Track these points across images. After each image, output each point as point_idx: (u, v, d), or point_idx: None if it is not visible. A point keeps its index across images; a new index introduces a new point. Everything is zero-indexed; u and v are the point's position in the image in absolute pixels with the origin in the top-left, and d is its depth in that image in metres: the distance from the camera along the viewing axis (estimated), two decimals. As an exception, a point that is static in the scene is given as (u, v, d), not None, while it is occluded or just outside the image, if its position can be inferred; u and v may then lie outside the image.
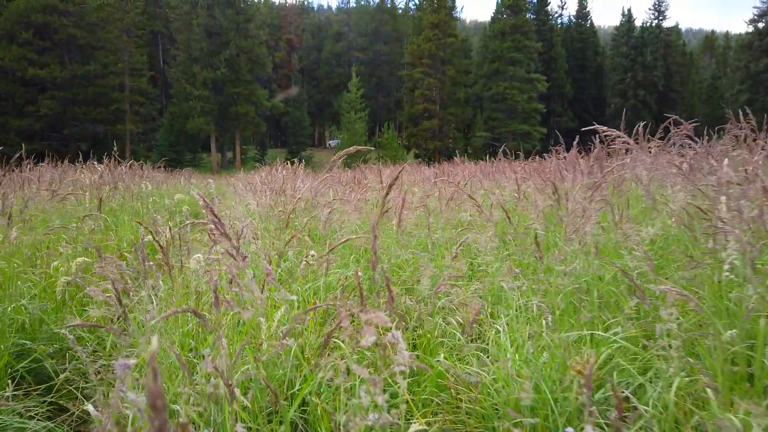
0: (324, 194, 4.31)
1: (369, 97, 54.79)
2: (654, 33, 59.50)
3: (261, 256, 2.49)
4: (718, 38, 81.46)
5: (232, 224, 2.94)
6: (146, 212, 4.78)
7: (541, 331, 1.82)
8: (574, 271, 2.13)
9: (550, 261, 2.24)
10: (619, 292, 2.19)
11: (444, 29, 48.83)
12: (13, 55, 33.82)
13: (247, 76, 44.67)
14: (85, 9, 36.47)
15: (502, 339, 1.85)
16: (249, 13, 46.24)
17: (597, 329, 1.91)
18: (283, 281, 2.61)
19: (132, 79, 41.61)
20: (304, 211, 3.76)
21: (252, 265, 2.84)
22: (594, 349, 1.79)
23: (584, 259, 2.25)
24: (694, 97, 63.58)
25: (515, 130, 48.09)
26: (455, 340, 2.13)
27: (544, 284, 2.02)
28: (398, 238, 2.81)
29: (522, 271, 2.50)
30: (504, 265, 2.49)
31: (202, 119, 42.42)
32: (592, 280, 2.21)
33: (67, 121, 36.47)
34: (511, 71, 48.46)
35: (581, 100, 62.57)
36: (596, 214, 2.25)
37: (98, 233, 3.62)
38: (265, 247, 2.92)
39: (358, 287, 1.31)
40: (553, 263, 2.13)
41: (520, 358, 1.75)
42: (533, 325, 1.88)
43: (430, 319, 2.25)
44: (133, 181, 5.73)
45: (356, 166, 9.64)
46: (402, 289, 2.72)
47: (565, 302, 2.13)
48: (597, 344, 1.83)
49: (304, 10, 79.95)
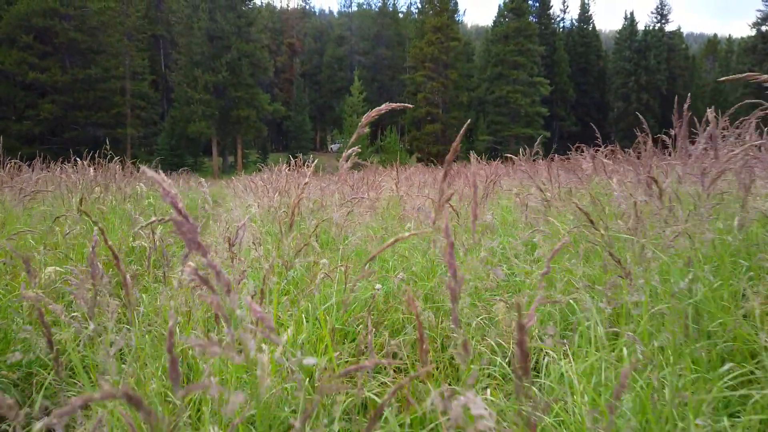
0: (332, 195, 3.98)
1: (371, 101, 54.47)
2: (657, 36, 59.30)
3: (263, 266, 2.15)
4: (720, 42, 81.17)
5: (229, 227, 2.61)
6: (139, 215, 4.47)
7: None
8: (680, 292, 1.63)
9: (643, 275, 1.72)
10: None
11: (447, 33, 48.63)
12: (14, 59, 33.61)
13: (248, 80, 44.45)
14: (86, 13, 36.27)
15: (568, 372, 1.48)
16: (251, 17, 46.05)
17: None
18: (288, 294, 2.27)
19: (133, 83, 41.41)
20: (312, 214, 3.42)
21: (252, 274, 2.51)
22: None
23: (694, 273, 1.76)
24: (698, 101, 63.25)
25: (518, 134, 47.82)
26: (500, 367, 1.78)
27: (637, 307, 1.57)
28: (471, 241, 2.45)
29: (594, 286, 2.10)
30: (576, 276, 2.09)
31: (204, 123, 42.16)
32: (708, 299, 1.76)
33: (68, 125, 36.23)
34: (514, 75, 48.25)
35: (584, 104, 62.35)
36: (709, 213, 1.85)
37: (80, 237, 3.28)
38: (267, 254, 2.58)
39: (419, 330, 0.93)
40: (645, 276, 1.65)
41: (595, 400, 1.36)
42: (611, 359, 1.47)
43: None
44: (126, 183, 5.40)
45: (363, 168, 9.28)
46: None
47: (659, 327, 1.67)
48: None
49: (306, 14, 79.87)
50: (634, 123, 54.87)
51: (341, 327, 2.01)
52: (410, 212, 3.31)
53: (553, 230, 2.72)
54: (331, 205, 3.17)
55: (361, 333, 1.91)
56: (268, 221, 4.08)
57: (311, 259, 2.34)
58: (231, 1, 44.58)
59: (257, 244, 2.45)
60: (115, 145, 39.44)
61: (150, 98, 43.87)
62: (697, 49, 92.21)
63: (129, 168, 6.91)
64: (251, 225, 2.61)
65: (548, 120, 52.78)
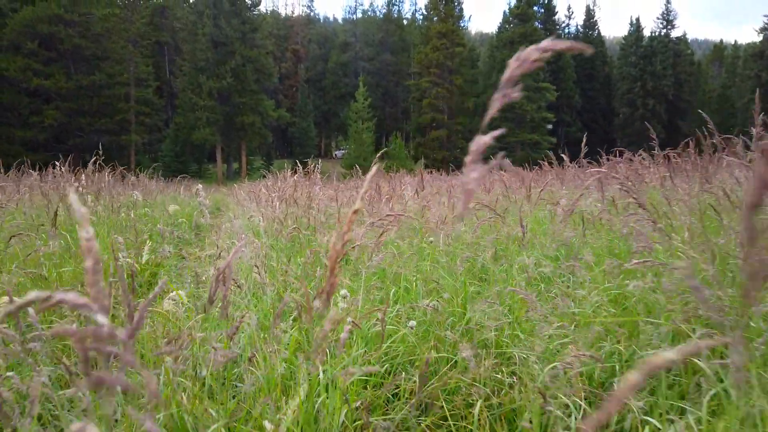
0: (348, 204, 3.64)
1: (376, 107, 54.30)
2: (663, 42, 58.97)
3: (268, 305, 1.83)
4: (726, 48, 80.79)
5: (219, 253, 2.28)
6: (131, 226, 4.15)
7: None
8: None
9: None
10: None
11: (452, 38, 48.45)
12: (18, 66, 33.53)
13: (253, 86, 44.31)
14: (90, 19, 36.22)
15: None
16: (255, 23, 45.98)
17: None
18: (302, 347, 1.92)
19: (137, 90, 41.31)
20: (324, 225, 3.09)
21: (254, 304, 2.19)
22: None
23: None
24: (704, 107, 62.89)
25: (524, 140, 47.49)
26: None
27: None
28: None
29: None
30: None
31: (208, 129, 41.99)
32: None
33: (72, 132, 36.12)
34: (520, 80, 47.90)
35: (589, 110, 61.98)
36: None
37: (58, 256, 2.96)
38: (273, 276, 2.26)
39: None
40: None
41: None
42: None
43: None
44: (119, 191, 5.10)
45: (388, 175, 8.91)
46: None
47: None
48: None
49: (311, 21, 79.94)
50: (640, 129, 54.49)
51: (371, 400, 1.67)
52: (433, 224, 3.00)
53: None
54: (372, 216, 2.85)
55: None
56: (272, 232, 3.77)
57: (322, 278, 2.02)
58: (235, 8, 44.54)
59: (259, 269, 2.12)
60: (120, 151, 39.38)
61: (154, 105, 43.75)
62: (701, 55, 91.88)
63: (122, 174, 6.58)
64: (254, 241, 2.30)
65: (554, 126, 52.41)
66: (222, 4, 43.87)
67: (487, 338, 1.93)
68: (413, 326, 1.55)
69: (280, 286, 2.31)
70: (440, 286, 2.36)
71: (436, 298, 2.17)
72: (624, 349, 1.72)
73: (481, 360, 1.67)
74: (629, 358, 1.71)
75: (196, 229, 6.26)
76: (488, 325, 1.88)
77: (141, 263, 2.26)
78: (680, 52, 61.74)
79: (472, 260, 2.63)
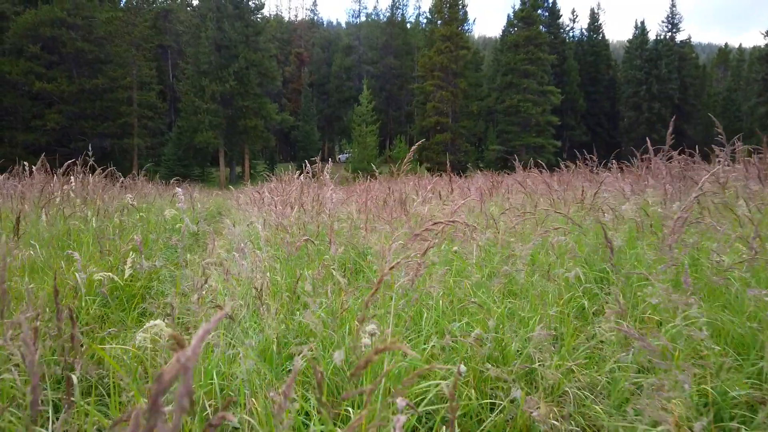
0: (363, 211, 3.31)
1: (379, 111, 54.06)
2: (668, 46, 58.62)
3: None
4: (731, 51, 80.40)
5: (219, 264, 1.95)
6: (121, 234, 3.81)
7: None
8: None
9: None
10: None
11: (456, 42, 48.21)
12: (21, 69, 33.38)
13: (256, 90, 44.09)
14: (93, 23, 36.06)
15: None
16: (258, 27, 45.79)
17: None
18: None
19: (140, 93, 41.12)
20: (337, 235, 2.76)
21: (252, 322, 1.86)
22: None
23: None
24: (710, 111, 62.50)
25: (529, 144, 47.18)
26: None
27: None
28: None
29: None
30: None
31: (211, 133, 41.76)
32: None
33: (75, 136, 35.91)
34: (525, 84, 47.73)
35: (594, 114, 61.61)
36: None
37: (26, 269, 2.63)
38: (276, 292, 1.93)
39: None
40: None
41: None
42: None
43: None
44: (112, 194, 4.78)
45: (398, 177, 8.52)
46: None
47: None
48: None
49: (314, 25, 79.87)
50: (646, 132, 54.07)
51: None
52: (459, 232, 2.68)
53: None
54: (359, 221, 2.53)
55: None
56: (276, 241, 3.44)
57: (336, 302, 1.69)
58: (239, 11, 44.37)
59: (260, 295, 1.79)
60: (122, 155, 39.21)
61: (157, 108, 43.54)
62: (705, 59, 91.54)
63: (115, 176, 6.26)
64: (254, 252, 1.98)
65: (558, 130, 52.07)
66: (225, 8, 43.70)
67: (534, 371, 1.61)
68: (463, 372, 1.22)
69: (282, 319, 1.98)
70: (474, 305, 2.02)
71: (471, 321, 1.85)
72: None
73: (534, 404, 1.34)
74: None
75: (196, 234, 5.95)
76: (535, 356, 1.55)
77: (123, 278, 1.97)
78: (685, 56, 61.40)
79: (511, 276, 2.30)
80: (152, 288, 3.22)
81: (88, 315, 2.40)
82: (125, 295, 2.88)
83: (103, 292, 1.93)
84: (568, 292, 2.19)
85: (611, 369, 1.58)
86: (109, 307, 2.58)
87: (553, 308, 1.96)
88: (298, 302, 2.17)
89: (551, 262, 2.45)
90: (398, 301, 1.68)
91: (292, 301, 2.07)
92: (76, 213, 3.73)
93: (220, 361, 1.66)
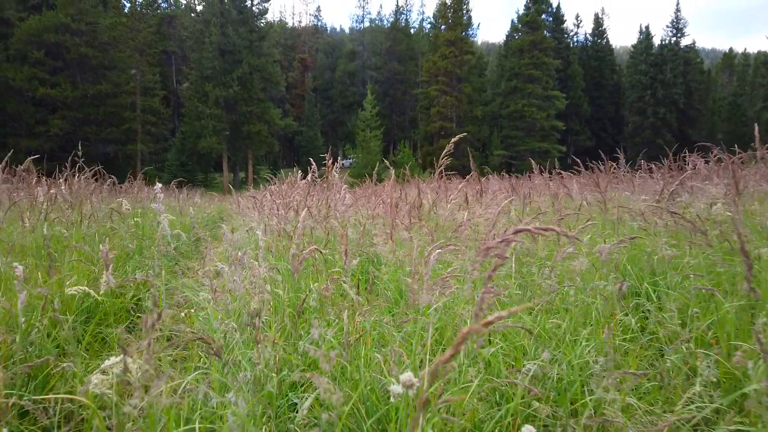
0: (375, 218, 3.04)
1: (383, 116, 53.86)
2: (673, 50, 58.34)
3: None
4: (736, 56, 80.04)
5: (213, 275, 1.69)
6: (111, 240, 3.57)
7: None
8: None
9: None
10: None
11: (461, 46, 48.06)
12: (25, 75, 33.34)
13: (259, 95, 43.96)
14: (97, 28, 36.04)
15: None
16: (262, 32, 45.74)
17: None
18: None
19: (144, 99, 41.07)
20: (354, 246, 2.48)
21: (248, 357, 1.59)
22: None
23: None
24: (715, 116, 62.12)
25: (533, 149, 46.89)
26: None
27: None
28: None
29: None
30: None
31: (214, 138, 41.61)
32: None
33: (78, 141, 35.75)
34: (530, 88, 47.52)
35: (598, 119, 61.31)
36: None
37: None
38: (278, 309, 1.67)
39: None
40: None
41: None
42: None
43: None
44: (100, 198, 4.55)
45: (409, 183, 8.22)
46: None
47: None
48: None
49: (318, 31, 79.92)
50: (651, 137, 53.65)
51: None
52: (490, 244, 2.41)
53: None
54: (371, 227, 2.27)
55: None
56: (276, 247, 3.18)
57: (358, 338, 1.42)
58: (243, 16, 44.33)
59: (259, 317, 1.52)
60: (126, 161, 39.09)
61: (161, 114, 43.46)
62: (709, 64, 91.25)
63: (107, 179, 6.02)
64: (253, 264, 1.73)
65: (563, 135, 51.78)
66: (229, 13, 43.66)
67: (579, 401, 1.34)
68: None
69: (283, 345, 1.71)
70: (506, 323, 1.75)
71: (508, 344, 1.58)
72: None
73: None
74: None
75: (197, 240, 5.72)
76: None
77: (99, 294, 1.73)
78: (690, 60, 61.10)
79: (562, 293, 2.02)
80: (143, 300, 2.96)
81: (56, 339, 2.11)
82: (113, 309, 2.61)
83: (56, 315, 1.68)
84: (613, 307, 1.93)
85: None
86: (89, 323, 2.32)
87: (591, 327, 1.69)
88: (304, 323, 1.91)
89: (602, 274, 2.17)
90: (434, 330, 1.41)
91: (296, 326, 1.80)
92: (60, 218, 3.48)
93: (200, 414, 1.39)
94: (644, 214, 2.80)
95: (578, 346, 1.70)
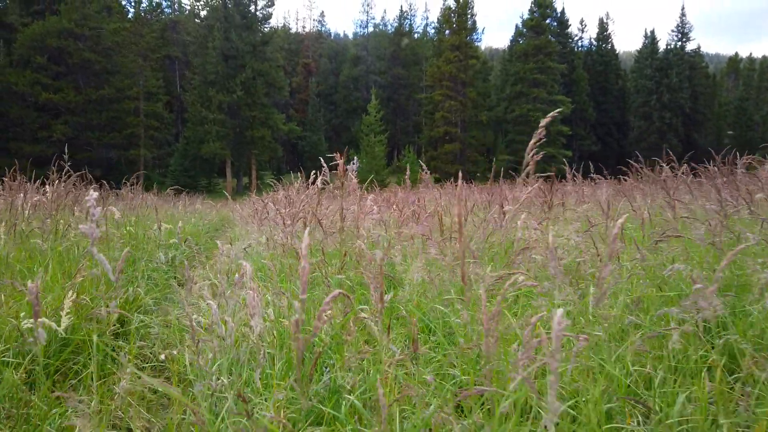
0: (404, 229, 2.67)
1: (387, 121, 53.59)
2: (678, 55, 57.97)
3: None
4: (741, 60, 79.60)
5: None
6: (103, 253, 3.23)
7: None
8: None
9: None
10: None
11: (465, 51, 47.80)
12: (27, 80, 33.17)
13: (263, 100, 43.73)
14: (100, 33, 35.89)
15: None
16: (266, 37, 45.57)
17: None
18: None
19: (147, 104, 40.88)
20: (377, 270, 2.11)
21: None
22: None
23: None
24: (721, 120, 61.68)
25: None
26: None
27: None
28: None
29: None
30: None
31: (218, 143, 41.36)
32: None
33: (81, 147, 35.59)
34: (535, 93, 47.22)
35: (604, 124, 60.88)
36: None
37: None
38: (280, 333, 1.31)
39: None
40: None
41: None
42: None
43: None
44: (83, 205, 4.22)
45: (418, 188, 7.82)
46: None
47: None
48: None
49: (322, 36, 79.85)
50: (656, 142, 53.14)
51: None
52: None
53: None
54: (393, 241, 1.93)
55: None
56: (279, 265, 2.85)
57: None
58: (247, 21, 44.18)
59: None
60: (129, 166, 38.88)
61: (164, 119, 43.27)
62: (713, 69, 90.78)
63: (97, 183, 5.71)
64: (252, 288, 1.40)
65: (568, 139, 51.36)
66: (233, 18, 43.50)
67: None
68: None
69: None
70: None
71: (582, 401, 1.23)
72: None
73: None
74: None
75: (191, 252, 5.37)
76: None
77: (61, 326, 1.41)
78: (695, 65, 60.72)
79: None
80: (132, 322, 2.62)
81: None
82: (87, 339, 2.25)
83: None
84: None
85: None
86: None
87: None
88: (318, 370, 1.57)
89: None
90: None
91: (303, 383, 1.45)
92: (35, 230, 3.15)
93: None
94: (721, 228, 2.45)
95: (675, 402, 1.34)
